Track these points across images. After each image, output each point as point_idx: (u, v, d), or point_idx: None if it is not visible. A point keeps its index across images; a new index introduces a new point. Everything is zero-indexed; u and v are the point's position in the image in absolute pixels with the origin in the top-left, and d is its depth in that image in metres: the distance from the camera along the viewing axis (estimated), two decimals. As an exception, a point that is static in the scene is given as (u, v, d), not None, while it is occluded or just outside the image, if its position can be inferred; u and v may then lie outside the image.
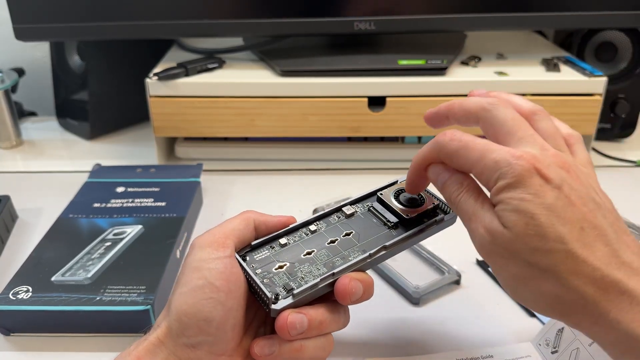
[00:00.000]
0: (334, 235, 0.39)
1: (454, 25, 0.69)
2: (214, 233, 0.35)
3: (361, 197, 0.41)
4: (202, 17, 0.67)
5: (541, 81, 0.66)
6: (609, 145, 0.77)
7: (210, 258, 0.33)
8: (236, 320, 0.33)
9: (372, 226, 0.39)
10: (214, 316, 0.32)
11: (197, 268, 0.33)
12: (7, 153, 0.78)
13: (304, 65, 0.68)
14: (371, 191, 0.42)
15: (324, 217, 0.40)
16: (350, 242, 0.38)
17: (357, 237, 0.38)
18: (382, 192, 0.41)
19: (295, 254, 0.37)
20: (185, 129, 0.70)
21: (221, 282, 0.33)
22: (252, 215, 0.38)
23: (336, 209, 0.40)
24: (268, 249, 0.37)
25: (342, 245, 0.38)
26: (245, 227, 0.37)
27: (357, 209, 0.41)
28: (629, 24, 0.68)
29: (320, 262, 0.36)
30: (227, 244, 0.35)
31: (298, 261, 0.37)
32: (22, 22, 0.67)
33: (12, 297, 0.44)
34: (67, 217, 0.55)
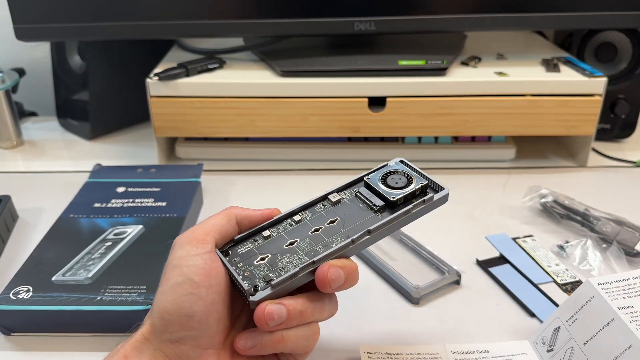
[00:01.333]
0: (318, 223, 0.38)
1: (454, 26, 0.69)
2: (194, 230, 0.35)
3: (348, 183, 0.40)
4: (202, 17, 0.67)
5: (541, 81, 0.67)
6: (609, 146, 0.77)
7: (190, 255, 0.34)
8: (220, 313, 0.34)
9: (358, 212, 0.38)
10: (195, 311, 0.32)
11: (176, 266, 0.34)
12: (7, 153, 0.78)
13: (304, 66, 0.68)
14: (358, 177, 0.40)
15: (309, 206, 0.39)
16: (335, 229, 0.37)
17: (342, 224, 0.38)
18: (369, 176, 0.40)
19: (277, 245, 0.37)
20: (186, 129, 0.70)
21: (200, 277, 0.33)
22: (234, 210, 0.38)
23: (322, 197, 0.40)
24: (251, 242, 0.37)
25: (325, 233, 0.37)
26: (227, 223, 0.37)
27: (343, 196, 0.40)
28: (629, 24, 0.69)
29: (302, 252, 0.36)
30: (206, 240, 0.35)
31: (280, 252, 0.36)
32: (22, 22, 0.67)
33: (12, 296, 0.44)
34: (68, 217, 0.55)
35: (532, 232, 0.58)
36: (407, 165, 0.41)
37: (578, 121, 0.68)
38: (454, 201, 0.64)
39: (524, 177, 0.70)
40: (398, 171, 0.40)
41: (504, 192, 0.66)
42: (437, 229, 0.58)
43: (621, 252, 0.53)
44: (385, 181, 0.39)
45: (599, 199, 0.61)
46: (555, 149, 0.76)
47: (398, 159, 0.41)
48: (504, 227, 0.59)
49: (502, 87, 0.67)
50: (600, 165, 0.72)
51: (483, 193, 0.66)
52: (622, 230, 0.54)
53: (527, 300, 0.48)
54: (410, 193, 0.38)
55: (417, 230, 0.57)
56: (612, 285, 0.39)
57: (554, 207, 0.60)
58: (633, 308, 0.37)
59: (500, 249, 0.55)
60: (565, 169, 0.72)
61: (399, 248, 0.55)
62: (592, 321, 0.38)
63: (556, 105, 0.67)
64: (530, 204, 0.62)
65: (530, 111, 0.67)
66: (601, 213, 0.57)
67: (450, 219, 0.61)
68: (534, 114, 0.68)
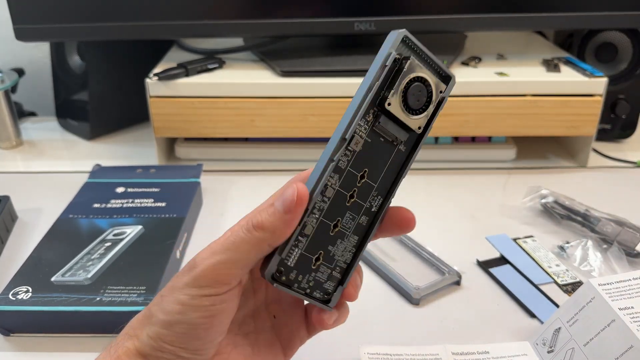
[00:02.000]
0: (350, 186, 0.31)
1: (455, 26, 0.69)
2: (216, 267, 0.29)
3: (361, 107, 0.30)
4: (202, 17, 0.67)
5: (541, 82, 0.66)
6: (610, 146, 0.77)
7: (201, 295, 0.29)
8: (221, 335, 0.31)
9: (381, 152, 0.31)
10: (189, 346, 0.30)
11: (182, 301, 0.29)
12: (7, 153, 0.78)
13: (304, 66, 0.68)
14: (372, 94, 0.30)
15: (331, 164, 0.30)
16: (367, 186, 0.32)
17: (372, 176, 0.31)
18: (390, 100, 0.30)
19: (323, 236, 0.31)
20: (185, 129, 0.69)
21: (202, 321, 0.29)
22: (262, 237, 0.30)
23: (340, 144, 0.30)
24: (295, 246, 0.30)
25: (361, 196, 0.32)
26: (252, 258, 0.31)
27: (362, 135, 0.30)
28: (629, 24, 0.68)
29: (349, 231, 0.32)
30: (226, 282, 0.29)
31: (330, 242, 0.31)
32: (22, 23, 0.67)
33: (12, 297, 0.44)
34: (67, 217, 0.55)
35: (533, 233, 0.58)
36: (416, 54, 0.31)
37: (578, 121, 0.68)
38: (454, 201, 0.65)
39: (524, 177, 0.70)
40: (415, 78, 0.30)
41: (504, 193, 0.66)
42: (437, 229, 0.58)
43: (622, 253, 0.53)
44: (405, 100, 0.30)
45: (599, 200, 0.61)
46: (556, 149, 0.76)
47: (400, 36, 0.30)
48: (504, 227, 0.59)
49: (502, 88, 0.67)
50: (600, 165, 0.72)
51: (483, 193, 0.66)
52: (623, 231, 0.54)
53: (528, 301, 0.48)
54: (435, 102, 0.31)
55: (417, 230, 0.56)
56: (612, 286, 0.39)
57: (554, 208, 0.59)
58: (634, 309, 0.37)
59: (501, 249, 0.55)
60: (566, 169, 0.72)
61: (399, 249, 0.55)
62: (593, 322, 0.38)
63: (556, 105, 0.67)
64: (531, 205, 0.62)
65: (531, 111, 0.67)
66: (601, 213, 0.57)
67: (451, 219, 0.61)
68: (535, 114, 0.67)
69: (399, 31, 0.30)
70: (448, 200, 0.64)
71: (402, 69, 0.30)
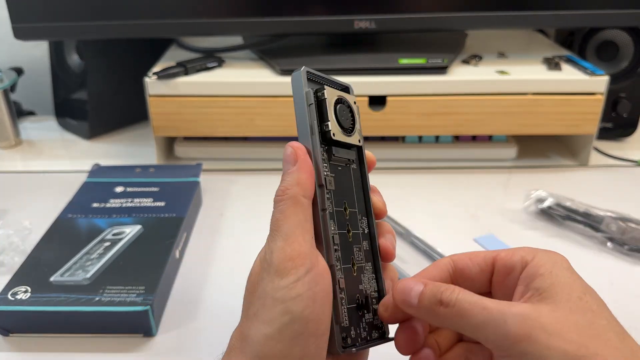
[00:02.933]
0: (343, 224, 0.32)
1: (455, 24, 0.68)
2: (284, 247, 0.29)
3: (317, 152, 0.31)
4: (201, 16, 0.67)
5: (542, 80, 0.66)
6: (611, 145, 0.77)
7: (292, 282, 0.28)
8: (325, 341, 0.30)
9: (344, 179, 0.33)
10: (307, 352, 0.28)
11: (279, 300, 0.28)
12: (6, 153, 0.78)
13: (303, 65, 0.68)
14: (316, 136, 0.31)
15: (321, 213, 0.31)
16: (353, 214, 0.33)
17: (351, 204, 0.33)
18: (332, 131, 0.31)
19: (351, 280, 0.31)
20: (185, 128, 0.69)
21: (309, 310, 0.28)
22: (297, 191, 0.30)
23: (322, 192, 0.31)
24: (342, 305, 0.30)
25: (354, 226, 0.32)
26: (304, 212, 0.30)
27: (328, 173, 0.31)
28: (631, 22, 0.68)
29: (363, 262, 0.33)
30: (304, 252, 0.29)
31: (357, 282, 0.32)
32: (21, 22, 0.67)
33: (11, 297, 0.44)
34: (66, 217, 0.55)
35: (534, 236, 0.57)
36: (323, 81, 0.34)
37: (579, 120, 0.67)
38: (455, 200, 0.64)
39: (525, 176, 0.69)
40: (337, 101, 0.33)
41: (505, 192, 0.66)
42: (437, 229, 0.58)
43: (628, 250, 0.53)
44: (340, 124, 0.32)
45: (600, 198, 0.61)
46: (557, 148, 0.76)
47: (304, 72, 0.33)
48: (505, 227, 0.59)
49: (503, 86, 0.66)
50: (601, 164, 0.72)
51: (484, 193, 0.66)
52: (629, 228, 0.54)
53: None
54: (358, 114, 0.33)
55: (417, 231, 0.56)
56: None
57: (554, 210, 0.59)
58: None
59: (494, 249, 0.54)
60: (567, 168, 0.72)
61: (410, 250, 0.55)
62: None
63: (557, 104, 0.67)
64: (532, 209, 0.61)
65: (532, 110, 0.67)
66: (603, 211, 0.57)
67: (451, 219, 0.60)
68: (535, 113, 0.67)
69: (300, 70, 0.32)
70: (448, 200, 0.64)
71: (324, 99, 0.32)
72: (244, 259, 0.54)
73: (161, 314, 0.47)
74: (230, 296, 0.49)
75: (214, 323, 0.46)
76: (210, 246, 0.56)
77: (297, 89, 0.32)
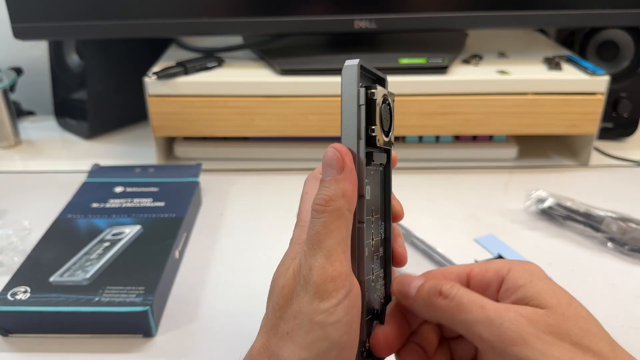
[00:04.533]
0: (370, 235, 0.30)
1: (455, 24, 0.68)
2: (324, 266, 0.27)
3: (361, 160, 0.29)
4: (201, 15, 0.67)
5: (543, 80, 0.66)
6: (611, 145, 0.76)
7: (333, 306, 0.26)
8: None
9: (373, 184, 0.31)
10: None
11: (319, 324, 0.26)
12: (5, 153, 0.78)
13: (304, 64, 0.68)
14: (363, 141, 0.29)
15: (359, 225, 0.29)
16: (376, 221, 0.31)
17: (377, 211, 0.31)
18: (377, 136, 0.29)
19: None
20: (185, 128, 0.69)
21: (347, 335, 0.27)
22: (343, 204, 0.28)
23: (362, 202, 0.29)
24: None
25: (376, 234, 0.31)
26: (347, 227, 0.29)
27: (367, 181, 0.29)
28: (631, 22, 0.68)
29: (380, 270, 0.32)
30: (345, 273, 0.27)
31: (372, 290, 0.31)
32: (20, 21, 0.66)
33: (10, 297, 0.44)
34: (66, 217, 0.55)
35: (534, 236, 0.57)
36: (372, 78, 0.31)
37: (580, 120, 0.67)
38: (455, 200, 0.64)
39: (525, 176, 0.69)
40: (383, 100, 0.30)
41: (505, 192, 0.66)
42: (438, 229, 0.58)
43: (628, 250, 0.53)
44: (382, 126, 0.30)
45: (601, 198, 0.61)
46: (557, 148, 0.76)
47: (358, 67, 0.28)
48: (505, 227, 0.59)
49: (503, 86, 0.66)
50: (602, 164, 0.72)
51: (484, 193, 0.66)
52: (629, 228, 0.54)
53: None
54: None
55: (417, 231, 0.56)
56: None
57: (554, 210, 0.59)
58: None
59: (494, 249, 0.54)
60: (567, 168, 0.72)
61: (410, 251, 0.55)
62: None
63: (558, 104, 0.67)
64: (532, 209, 0.61)
65: (532, 110, 0.67)
66: (603, 212, 0.57)
67: (452, 219, 0.60)
68: (536, 113, 0.67)
69: (354, 63, 0.28)
70: (449, 200, 0.64)
71: (374, 100, 0.28)
72: (244, 259, 0.54)
73: (161, 314, 0.47)
74: (229, 297, 0.49)
75: (214, 323, 0.46)
76: (210, 246, 0.56)
77: (349, 85, 0.28)
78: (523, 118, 0.67)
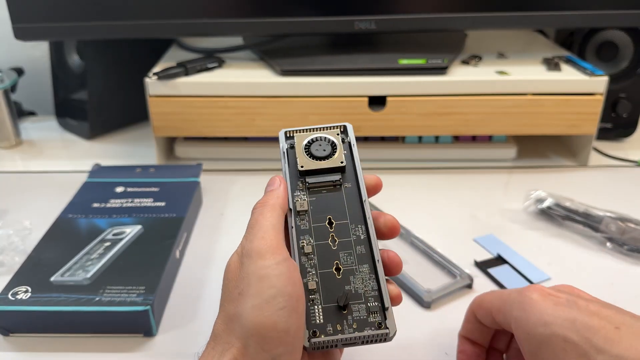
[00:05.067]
0: (325, 235, 0.36)
1: (455, 25, 0.68)
2: (263, 237, 0.33)
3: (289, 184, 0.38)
4: (201, 16, 0.67)
5: (542, 80, 0.66)
6: (610, 145, 0.77)
7: (274, 264, 0.31)
8: (304, 323, 0.33)
9: (331, 197, 0.37)
10: (290, 325, 0.30)
11: (264, 277, 0.31)
12: (6, 153, 0.78)
13: (304, 65, 0.68)
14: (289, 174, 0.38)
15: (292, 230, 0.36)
16: (342, 225, 0.36)
17: (339, 217, 0.36)
18: (301, 164, 0.38)
19: (333, 282, 0.34)
20: (185, 128, 0.69)
21: (290, 287, 0.31)
22: (276, 202, 0.36)
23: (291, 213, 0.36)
24: (313, 304, 0.33)
25: (343, 235, 0.36)
26: (281, 220, 0.35)
27: (302, 198, 0.37)
28: (630, 23, 0.68)
29: (355, 265, 0.35)
30: (280, 245, 0.33)
31: (344, 283, 0.34)
32: (21, 22, 0.67)
33: (11, 297, 0.44)
34: (66, 217, 0.55)
35: (534, 236, 0.57)
36: (298, 131, 0.41)
37: (579, 120, 0.68)
38: (455, 201, 0.64)
39: (525, 176, 0.70)
40: (310, 141, 0.40)
41: (505, 192, 0.66)
42: (437, 229, 0.58)
43: (627, 250, 0.53)
44: (313, 155, 0.38)
45: (600, 199, 0.61)
46: (557, 149, 0.76)
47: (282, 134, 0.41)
48: (505, 227, 0.59)
49: (502, 86, 0.66)
50: (601, 164, 0.72)
51: (484, 193, 0.66)
52: (628, 229, 0.54)
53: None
54: (341, 144, 0.39)
55: (417, 231, 0.56)
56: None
57: (553, 210, 0.59)
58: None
59: (494, 249, 0.55)
60: (567, 168, 0.72)
61: (410, 251, 0.55)
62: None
63: (557, 104, 0.67)
64: (531, 209, 0.61)
65: (531, 110, 0.67)
66: (602, 212, 0.57)
67: (451, 219, 0.60)
68: (535, 113, 0.67)
69: (280, 132, 0.41)
70: (448, 200, 0.64)
71: (294, 144, 0.40)
72: (244, 259, 0.54)
73: (161, 314, 0.47)
74: (230, 296, 0.49)
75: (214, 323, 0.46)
76: (210, 246, 0.56)
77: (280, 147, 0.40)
78: (522, 118, 0.68)
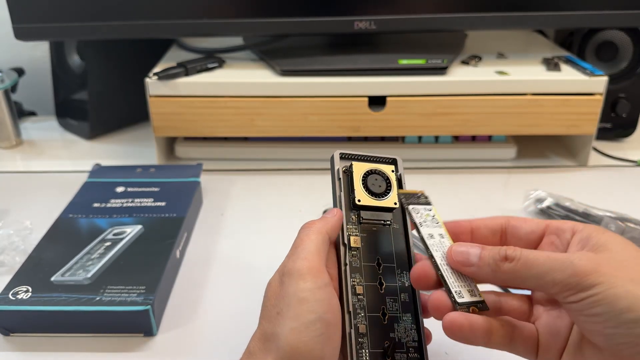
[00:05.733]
0: (374, 277, 0.35)
1: (455, 25, 0.68)
2: (307, 258, 0.32)
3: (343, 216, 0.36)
4: (201, 16, 0.67)
5: (542, 80, 0.66)
6: (610, 145, 0.77)
7: (314, 288, 0.31)
8: (338, 353, 0.32)
9: (380, 237, 0.36)
10: (325, 353, 0.30)
11: (304, 300, 0.30)
12: (6, 153, 0.78)
13: (304, 65, 0.68)
14: (344, 203, 0.37)
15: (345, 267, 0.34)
16: (389, 269, 0.36)
17: (387, 260, 0.36)
18: (358, 197, 0.36)
19: (379, 327, 0.33)
20: (185, 128, 0.69)
21: (329, 315, 0.30)
22: (324, 227, 0.34)
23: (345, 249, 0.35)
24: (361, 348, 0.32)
25: (390, 280, 0.35)
26: (326, 244, 0.34)
27: (355, 234, 0.36)
28: (630, 23, 0.68)
29: (399, 313, 0.34)
30: (322, 269, 0.32)
31: (389, 330, 0.34)
32: (21, 22, 0.67)
33: (11, 297, 0.44)
34: (67, 217, 0.55)
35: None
36: (356, 159, 0.38)
37: (579, 120, 0.68)
38: (455, 201, 0.65)
39: (524, 176, 0.70)
40: (367, 172, 0.38)
41: (504, 192, 0.66)
42: (437, 229, 0.58)
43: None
44: (370, 191, 0.37)
45: (600, 199, 0.61)
46: (556, 149, 0.76)
47: (337, 154, 0.38)
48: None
49: (502, 87, 0.66)
50: (601, 164, 0.72)
51: (484, 193, 0.66)
52: (627, 228, 0.54)
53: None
54: (395, 183, 0.38)
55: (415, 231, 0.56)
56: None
57: (552, 210, 0.59)
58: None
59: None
60: (566, 168, 0.72)
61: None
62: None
63: (557, 104, 0.67)
64: (531, 209, 0.61)
65: (531, 110, 0.67)
66: (602, 211, 0.57)
67: (451, 219, 0.60)
68: (535, 113, 0.67)
69: (335, 152, 0.38)
70: (448, 200, 0.64)
71: (352, 173, 0.37)
72: (245, 259, 0.55)
73: (161, 314, 0.47)
74: (230, 296, 0.49)
75: (214, 323, 0.46)
76: (210, 246, 0.57)
77: (332, 168, 0.38)
78: (522, 118, 0.68)
